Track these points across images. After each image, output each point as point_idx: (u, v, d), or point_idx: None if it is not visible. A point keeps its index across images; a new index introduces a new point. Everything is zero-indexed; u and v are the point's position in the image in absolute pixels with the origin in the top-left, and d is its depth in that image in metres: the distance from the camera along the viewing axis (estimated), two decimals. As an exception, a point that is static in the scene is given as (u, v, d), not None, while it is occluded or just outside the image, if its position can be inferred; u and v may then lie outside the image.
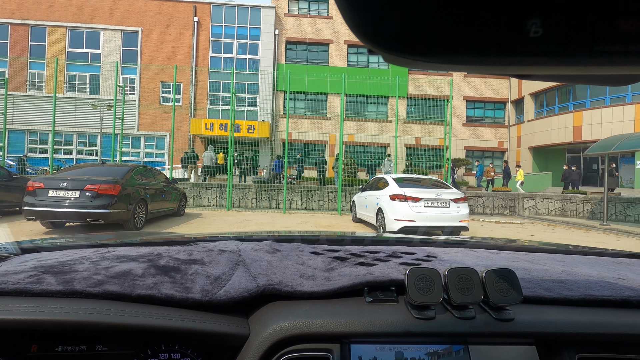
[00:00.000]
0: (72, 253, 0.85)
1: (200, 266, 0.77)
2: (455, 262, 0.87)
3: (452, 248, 1.07)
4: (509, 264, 0.89)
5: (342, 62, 20.82)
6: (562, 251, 1.18)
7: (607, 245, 7.14)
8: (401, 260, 0.84)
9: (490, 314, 0.63)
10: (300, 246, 0.97)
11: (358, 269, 0.77)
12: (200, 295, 0.64)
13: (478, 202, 13.34)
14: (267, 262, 0.80)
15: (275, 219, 9.48)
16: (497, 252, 1.05)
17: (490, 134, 21.67)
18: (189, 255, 0.83)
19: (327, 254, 0.90)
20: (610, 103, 16.59)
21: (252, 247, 0.93)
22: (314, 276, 0.74)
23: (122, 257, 0.80)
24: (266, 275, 0.72)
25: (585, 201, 12.09)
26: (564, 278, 0.80)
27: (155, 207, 7.59)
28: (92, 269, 0.71)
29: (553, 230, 9.40)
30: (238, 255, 0.86)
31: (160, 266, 0.75)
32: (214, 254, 0.86)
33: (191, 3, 19.70)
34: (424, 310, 0.62)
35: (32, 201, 5.76)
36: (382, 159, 18.95)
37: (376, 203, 7.33)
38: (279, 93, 20.29)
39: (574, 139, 17.52)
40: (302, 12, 21.07)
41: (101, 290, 0.62)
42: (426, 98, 21.15)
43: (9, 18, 19.07)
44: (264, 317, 0.63)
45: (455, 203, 6.57)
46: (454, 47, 0.23)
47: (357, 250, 0.94)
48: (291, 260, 0.84)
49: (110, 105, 16.78)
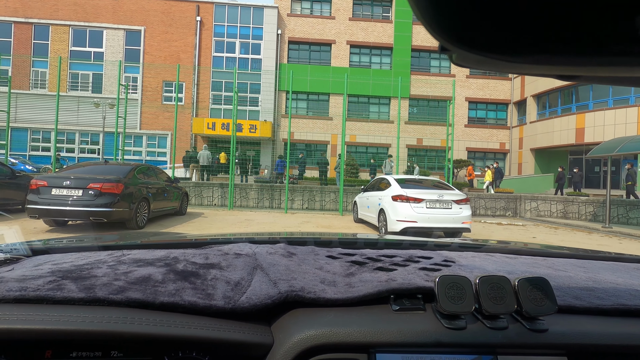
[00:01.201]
0: (87, 256, 0.84)
1: (219, 271, 0.75)
2: (475, 268, 0.85)
3: (469, 252, 1.05)
4: (530, 270, 0.88)
5: (344, 62, 20.82)
6: (580, 256, 1.15)
7: (609, 248, 7.12)
8: (420, 265, 0.84)
9: (523, 324, 0.61)
10: (315, 249, 0.96)
11: (378, 275, 0.75)
12: (222, 302, 0.63)
13: (480, 203, 13.32)
14: (285, 267, 0.79)
15: (277, 219, 9.48)
16: (515, 257, 1.03)
17: (492, 135, 21.64)
18: (206, 259, 0.82)
19: (343, 258, 0.89)
20: (613, 105, 16.54)
21: (267, 251, 0.91)
22: (335, 282, 0.72)
23: (139, 261, 0.78)
24: (287, 280, 0.71)
25: (587, 203, 12.06)
26: (591, 286, 0.77)
27: (157, 206, 7.60)
28: (111, 274, 0.70)
29: (555, 232, 9.37)
30: (254, 259, 0.85)
31: (179, 271, 0.73)
32: (230, 258, 0.84)
33: (194, 2, 19.72)
34: (455, 319, 0.60)
35: (36, 199, 5.78)
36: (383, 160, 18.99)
37: (378, 204, 7.33)
38: (281, 93, 20.30)
39: (576, 141, 17.47)
40: (305, 12, 21.07)
41: (124, 297, 0.61)
42: (428, 99, 21.13)
43: (12, 16, 19.14)
44: (288, 325, 0.61)
45: (457, 204, 6.56)
46: (544, 45, 0.21)
47: (372, 254, 0.93)
48: (308, 264, 0.82)
49: (112, 104, 16.83)
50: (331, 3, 21.03)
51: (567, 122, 17.98)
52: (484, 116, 21.96)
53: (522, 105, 21.17)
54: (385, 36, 21.06)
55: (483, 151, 21.55)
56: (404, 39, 20.98)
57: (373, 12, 21.48)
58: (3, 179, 7.65)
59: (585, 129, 17.24)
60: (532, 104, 20.26)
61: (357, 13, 21.29)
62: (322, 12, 21.21)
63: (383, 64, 21.29)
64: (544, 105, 19.82)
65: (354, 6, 21.25)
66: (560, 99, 18.82)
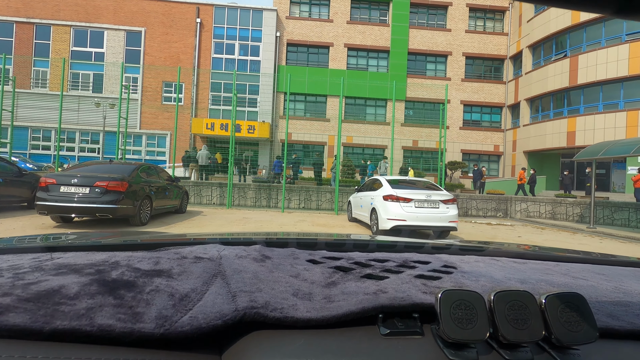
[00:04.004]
0: (5, 260, 0.69)
1: (166, 279, 0.60)
2: (481, 276, 0.71)
3: (471, 256, 0.94)
4: (545, 278, 0.74)
5: (341, 64, 21.20)
6: (595, 260, 1.03)
7: (590, 247, 7.51)
8: (416, 272, 0.71)
9: (553, 355, 0.48)
10: (294, 252, 0.83)
11: (366, 284, 0.63)
12: (153, 324, 0.47)
13: (472, 204, 13.71)
14: (253, 274, 0.65)
15: (274, 218, 9.82)
16: (524, 262, 0.91)
17: (486, 138, 22.06)
18: (155, 265, 0.66)
19: (326, 263, 0.76)
20: (603, 110, 16.99)
21: (236, 254, 0.77)
22: (312, 294, 0.59)
23: (61, 268, 0.62)
24: (249, 293, 0.56)
25: (574, 205, 12.47)
26: (623, 299, 0.65)
27: (159, 204, 7.93)
28: (5, 286, 0.53)
29: (541, 232, 9.76)
30: (218, 264, 0.70)
31: (108, 281, 0.57)
32: (187, 263, 0.69)
33: (194, 4, 20.05)
34: (462, 349, 0.47)
35: (45, 196, 6.11)
36: (375, 161, 19.40)
37: (370, 203, 7.69)
38: (279, 94, 20.66)
39: (567, 144, 17.90)
40: (303, 15, 21.44)
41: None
42: (424, 101, 21.55)
43: (14, 16, 19.39)
44: (242, 355, 0.47)
45: (444, 204, 6.93)
46: None
47: (361, 257, 0.81)
48: (283, 270, 0.69)
49: (112, 103, 17.13)
50: (329, 6, 21.42)
51: (558, 125, 18.42)
52: (478, 119, 22.39)
53: (516, 109, 21.61)
54: (382, 39, 21.46)
55: (478, 153, 21.97)
56: (400, 42, 21.39)
57: (370, 15, 21.88)
58: (11, 177, 7.96)
59: (576, 132, 17.67)
60: (526, 107, 20.70)
61: (355, 16, 21.68)
62: (320, 15, 21.59)
63: (380, 66, 21.70)
64: (536, 109, 20.26)
65: (352, 9, 21.65)
66: (553, 102, 19.26)
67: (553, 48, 19.17)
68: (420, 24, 22.02)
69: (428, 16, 22.17)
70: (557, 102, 19.07)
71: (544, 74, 19.22)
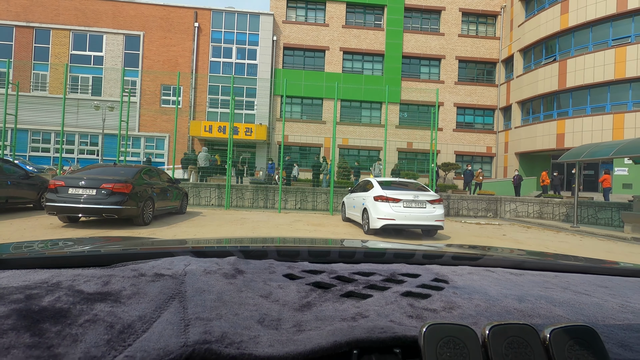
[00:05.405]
0: None
1: (110, 305, 0.50)
2: (475, 292, 0.66)
3: (464, 267, 0.88)
4: (545, 295, 0.68)
5: (337, 68, 21.64)
6: (596, 270, 0.97)
7: (569, 245, 7.95)
8: (403, 289, 0.65)
9: None
10: (272, 265, 0.75)
11: (344, 306, 0.56)
12: None
13: (463, 204, 14.15)
14: (217, 295, 0.57)
15: (271, 218, 10.20)
16: (521, 274, 0.85)
17: (479, 140, 22.56)
18: (103, 285, 0.57)
19: (305, 278, 0.69)
20: (591, 112, 17.51)
21: (205, 268, 0.69)
22: (280, 320, 0.50)
23: None
24: (206, 321, 0.48)
25: (560, 205, 12.94)
26: (634, 322, 0.57)
27: (160, 204, 8.30)
28: None
29: (526, 231, 10.20)
30: (180, 283, 0.61)
31: (33, 311, 0.46)
32: (143, 282, 0.60)
33: (192, 9, 20.43)
34: None
35: (54, 198, 6.46)
36: (369, 163, 19.85)
37: (362, 203, 8.10)
38: (276, 97, 21.07)
39: (557, 146, 18.41)
40: (300, 20, 21.88)
41: None
42: (418, 104, 22.03)
43: (14, 20, 19.70)
44: None
45: (431, 204, 7.35)
46: None
47: (345, 270, 0.75)
48: (253, 289, 0.61)
49: (111, 106, 17.47)
50: (325, 11, 21.87)
51: (548, 127, 18.93)
52: (471, 121, 22.90)
53: (508, 111, 22.13)
54: (377, 43, 21.92)
55: (471, 155, 22.46)
56: (395, 46, 21.87)
57: (365, 20, 22.35)
58: (18, 179, 8.30)
59: (565, 134, 18.19)
60: (517, 110, 21.21)
61: (350, 21, 22.14)
62: (316, 19, 22.03)
63: (375, 70, 22.16)
64: (527, 112, 20.78)
65: (347, 14, 22.11)
66: (543, 105, 19.78)
67: (543, 52, 19.69)
68: (415, 28, 22.50)
69: (422, 20, 22.66)
70: (547, 105, 19.59)
71: (534, 77, 19.74)
